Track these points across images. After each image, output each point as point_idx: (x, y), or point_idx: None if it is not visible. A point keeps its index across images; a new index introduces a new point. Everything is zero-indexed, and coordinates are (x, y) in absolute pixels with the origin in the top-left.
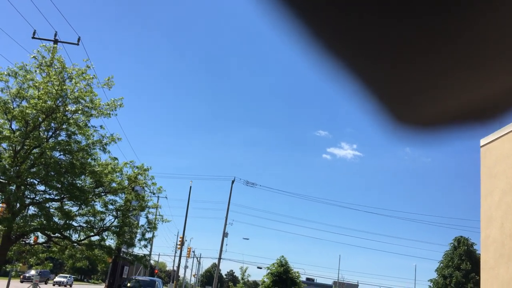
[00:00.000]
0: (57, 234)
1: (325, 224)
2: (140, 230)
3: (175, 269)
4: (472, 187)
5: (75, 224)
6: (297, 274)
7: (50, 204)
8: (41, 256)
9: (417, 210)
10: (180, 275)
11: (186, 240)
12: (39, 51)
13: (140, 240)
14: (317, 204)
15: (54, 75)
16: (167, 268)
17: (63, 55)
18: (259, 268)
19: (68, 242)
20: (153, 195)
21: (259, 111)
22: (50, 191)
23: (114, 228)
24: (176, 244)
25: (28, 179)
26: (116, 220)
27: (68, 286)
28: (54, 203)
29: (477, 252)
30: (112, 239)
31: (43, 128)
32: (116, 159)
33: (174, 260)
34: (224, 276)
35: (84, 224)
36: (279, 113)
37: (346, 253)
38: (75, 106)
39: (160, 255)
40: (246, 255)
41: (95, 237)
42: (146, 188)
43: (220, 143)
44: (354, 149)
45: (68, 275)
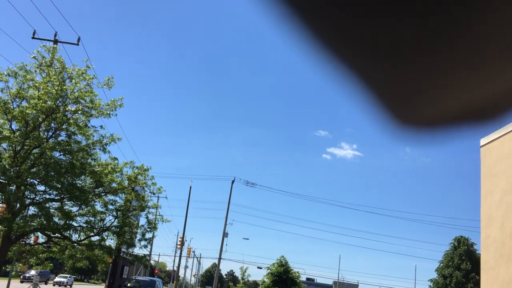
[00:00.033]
0: (57, 234)
1: (325, 224)
2: (140, 230)
3: (175, 269)
4: (472, 187)
5: (75, 224)
6: (297, 274)
7: (50, 204)
8: (41, 256)
9: (417, 210)
10: (180, 275)
11: (186, 240)
12: (39, 51)
13: (140, 240)
14: (317, 204)
15: (54, 75)
16: (167, 268)
17: (63, 55)
18: (259, 268)
19: (68, 242)
20: (153, 195)
21: (259, 111)
22: (50, 191)
23: (114, 228)
24: (176, 244)
25: (28, 179)
26: (116, 220)
27: (68, 286)
28: (54, 203)
29: (477, 252)
30: (112, 239)
31: (43, 128)
32: (116, 159)
33: (174, 260)
34: (224, 276)
35: (84, 224)
36: (279, 113)
37: (346, 253)
38: (75, 106)
39: (160, 255)
40: (246, 255)
41: (95, 237)
42: (146, 188)
43: (220, 143)
44: (354, 149)
45: (68, 275)
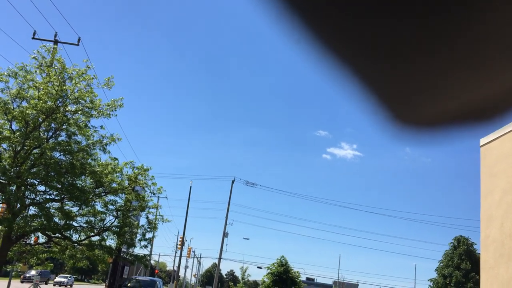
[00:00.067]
0: (57, 235)
1: (325, 224)
2: (140, 230)
3: (175, 269)
4: (472, 186)
5: (76, 225)
6: (297, 274)
7: (51, 204)
8: (41, 256)
9: (417, 210)
10: (181, 275)
11: (186, 240)
12: (39, 52)
13: (140, 240)
14: (317, 204)
15: (54, 75)
16: (168, 268)
17: (63, 55)
18: (259, 268)
19: (68, 242)
20: (153, 195)
21: (259, 111)
22: (51, 192)
23: (114, 228)
24: (176, 244)
25: (28, 180)
26: (117, 220)
27: (68, 286)
28: (54, 203)
29: (477, 252)
30: (112, 239)
31: (43, 128)
32: (116, 159)
33: (174, 260)
34: (225, 276)
35: (85, 225)
36: (279, 113)
37: (346, 252)
38: (75, 106)
39: (160, 255)
40: (246, 255)
41: (96, 237)
42: (146, 188)
43: (220, 143)
44: (354, 149)
45: (69, 275)
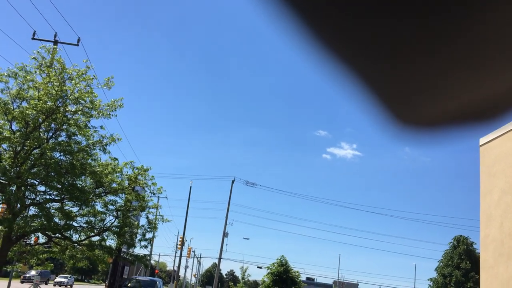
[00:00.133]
0: (57, 235)
1: (325, 224)
2: (140, 230)
3: (175, 269)
4: (472, 186)
5: (76, 225)
6: (297, 274)
7: (51, 204)
8: (41, 256)
9: (417, 210)
10: (181, 275)
11: (186, 240)
12: (39, 52)
13: (140, 240)
14: (317, 204)
15: (54, 76)
16: (168, 268)
17: (63, 55)
18: (259, 268)
19: (68, 243)
20: (153, 195)
21: (259, 111)
22: (51, 192)
23: (114, 228)
24: (176, 244)
25: (28, 180)
26: (117, 220)
27: (68, 286)
28: (54, 203)
29: (476, 251)
30: (112, 240)
31: (43, 128)
32: (116, 159)
33: (174, 260)
34: (225, 276)
35: (85, 225)
36: (279, 113)
37: (346, 252)
38: (75, 106)
39: (160, 255)
40: (246, 255)
41: (96, 237)
42: (146, 188)
43: (220, 143)
44: (354, 149)
45: (69, 276)
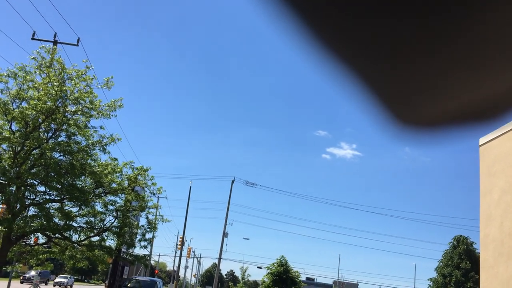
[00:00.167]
0: (57, 235)
1: (325, 224)
2: (140, 230)
3: (175, 269)
4: (472, 186)
5: (75, 225)
6: (297, 274)
7: (50, 205)
8: (41, 257)
9: (416, 210)
10: (181, 275)
11: (186, 240)
12: (38, 52)
13: (140, 241)
14: (317, 204)
15: (54, 76)
16: (168, 268)
17: (63, 56)
18: (259, 268)
19: (68, 243)
20: (153, 195)
21: (259, 111)
22: (50, 192)
23: (114, 228)
24: (176, 244)
25: (28, 180)
26: (116, 220)
27: (68, 286)
28: (54, 203)
29: (476, 251)
30: (112, 240)
31: (43, 129)
32: (116, 159)
33: (174, 260)
34: (224, 276)
35: (84, 225)
36: (279, 113)
37: (346, 252)
38: (75, 107)
39: (160, 255)
40: (246, 255)
41: (96, 237)
42: (146, 188)
43: (220, 143)
44: (353, 149)
45: (69, 276)
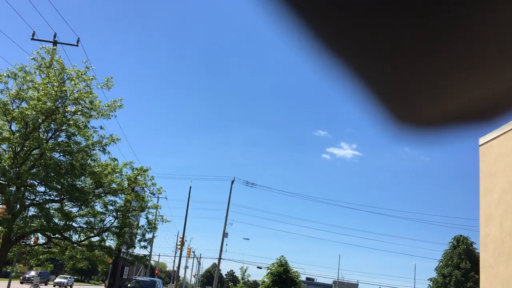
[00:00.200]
0: (57, 235)
1: (325, 224)
2: (140, 230)
3: (175, 269)
4: (472, 186)
5: (75, 225)
6: (297, 274)
7: (50, 205)
8: (41, 257)
9: (416, 210)
10: (180, 276)
11: (186, 241)
12: (38, 53)
13: (140, 241)
14: (317, 204)
15: (54, 76)
16: (167, 269)
17: (63, 56)
18: (259, 268)
19: (68, 243)
20: (153, 195)
21: (259, 111)
22: (50, 192)
23: (114, 228)
24: (176, 244)
25: (28, 180)
26: (116, 220)
27: (68, 287)
28: (54, 204)
29: (476, 251)
30: (112, 240)
31: (43, 129)
32: (115, 160)
33: (174, 261)
34: (224, 276)
35: (84, 225)
36: (279, 113)
37: (346, 252)
38: (75, 107)
39: (160, 255)
40: (246, 255)
41: (95, 238)
42: (146, 188)
43: (220, 143)
44: (353, 149)
45: (69, 276)
